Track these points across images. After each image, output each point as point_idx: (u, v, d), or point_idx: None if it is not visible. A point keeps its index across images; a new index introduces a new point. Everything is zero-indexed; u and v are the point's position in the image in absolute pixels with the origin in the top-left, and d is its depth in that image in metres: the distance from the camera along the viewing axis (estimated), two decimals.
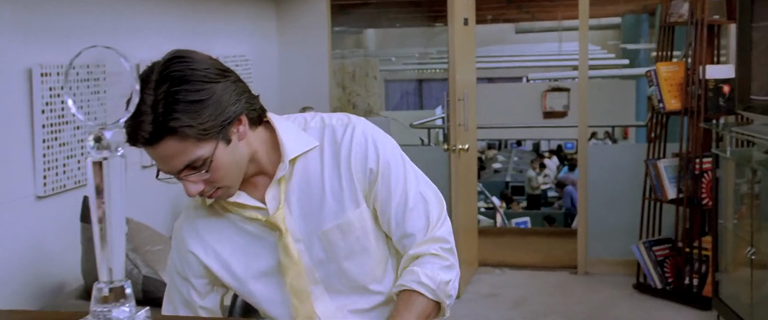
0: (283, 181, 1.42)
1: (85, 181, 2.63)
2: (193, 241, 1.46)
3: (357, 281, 1.48)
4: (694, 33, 3.89)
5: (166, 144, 1.25)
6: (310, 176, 1.43)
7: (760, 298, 3.03)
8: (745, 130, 3.23)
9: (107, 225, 0.88)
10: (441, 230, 1.47)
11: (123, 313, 0.89)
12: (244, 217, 1.43)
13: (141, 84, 1.19)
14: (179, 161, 1.28)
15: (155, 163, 1.31)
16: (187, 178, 1.30)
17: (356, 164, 1.42)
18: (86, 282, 2.47)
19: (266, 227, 1.43)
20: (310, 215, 1.43)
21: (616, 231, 4.45)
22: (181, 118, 1.24)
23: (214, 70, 1.30)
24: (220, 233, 1.45)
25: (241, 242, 1.45)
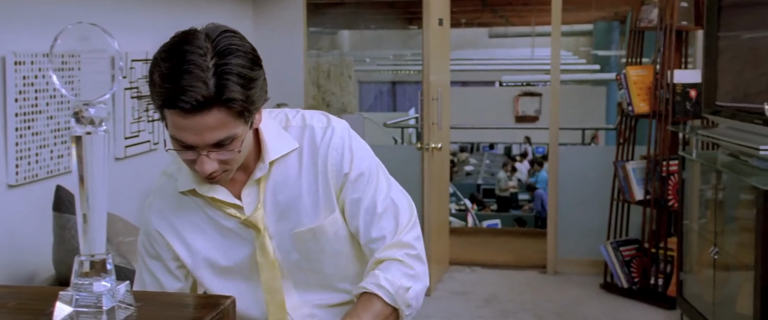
0: (262, 181, 1.41)
1: (58, 170, 2.62)
2: (165, 230, 1.45)
3: (326, 279, 1.50)
4: (663, 38, 3.98)
5: (213, 114, 1.22)
6: (288, 176, 1.42)
7: (722, 297, 3.11)
8: (711, 133, 3.31)
9: (89, 199, 0.89)
10: (408, 235, 1.46)
11: (103, 287, 0.90)
12: (223, 212, 1.42)
13: (186, 50, 1.20)
14: (216, 134, 1.24)
15: (176, 134, 1.25)
16: (208, 154, 1.27)
17: (332, 169, 1.43)
18: (58, 272, 2.46)
19: (243, 225, 1.42)
20: (285, 216, 1.43)
21: (585, 232, 4.53)
22: (235, 91, 1.22)
23: (256, 53, 1.30)
24: (196, 227, 1.44)
25: (216, 236, 1.44)
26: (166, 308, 0.96)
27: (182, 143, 1.27)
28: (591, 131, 11.20)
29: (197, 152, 1.27)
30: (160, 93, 1.22)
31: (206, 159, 1.27)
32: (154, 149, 3.29)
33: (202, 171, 1.29)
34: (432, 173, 4.28)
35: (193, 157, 1.28)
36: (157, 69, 1.23)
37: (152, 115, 3.25)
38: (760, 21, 3.11)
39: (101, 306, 0.88)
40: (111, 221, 2.74)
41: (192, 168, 1.32)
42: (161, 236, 1.45)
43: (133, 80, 3.09)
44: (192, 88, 1.19)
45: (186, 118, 1.22)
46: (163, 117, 1.27)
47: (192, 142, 1.26)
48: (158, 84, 1.22)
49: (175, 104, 1.20)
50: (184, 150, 1.28)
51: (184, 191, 1.43)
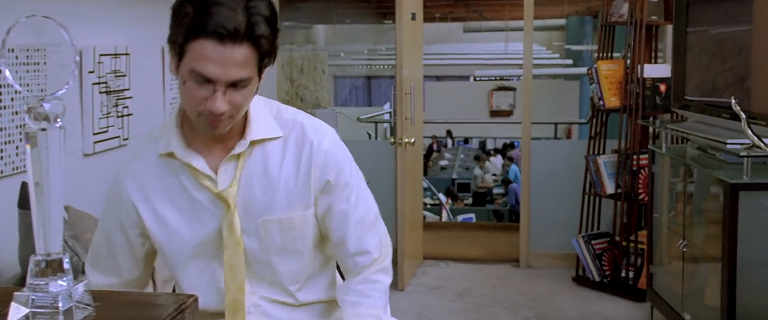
0: (241, 157, 1.41)
1: (24, 167, 2.58)
2: (135, 194, 1.44)
3: (277, 276, 1.49)
4: (633, 33, 4.01)
5: (242, 49, 1.25)
6: (267, 163, 1.43)
7: (690, 289, 3.15)
8: (680, 127, 3.35)
9: (45, 197, 0.87)
10: (388, 257, 1.57)
11: (60, 287, 0.88)
12: (198, 183, 1.41)
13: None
14: (238, 72, 1.27)
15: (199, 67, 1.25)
16: (224, 93, 1.28)
17: (316, 171, 1.44)
18: (23, 271, 2.42)
19: (215, 199, 1.41)
20: (256, 201, 1.43)
21: (557, 225, 4.56)
22: (265, 30, 1.27)
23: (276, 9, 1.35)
24: (167, 194, 1.43)
25: (186, 207, 1.43)
26: (126, 307, 0.95)
27: (203, 77, 1.26)
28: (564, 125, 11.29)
29: (214, 89, 1.27)
30: (194, 20, 1.23)
31: (220, 97, 1.27)
32: (124, 144, 3.25)
33: (214, 109, 1.28)
34: (405, 167, 4.28)
35: (208, 94, 1.28)
36: (187, 2, 1.26)
37: (121, 110, 3.21)
38: (727, 16, 3.15)
39: (58, 306, 0.86)
40: (79, 218, 2.70)
41: (198, 110, 1.30)
42: (133, 205, 1.44)
43: (102, 75, 3.04)
44: (227, 18, 1.22)
45: (217, 47, 1.23)
46: (180, 55, 1.28)
47: (214, 76, 1.26)
48: (191, 13, 1.24)
49: (211, 30, 1.22)
50: (201, 86, 1.27)
51: (163, 154, 1.42)
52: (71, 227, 2.54)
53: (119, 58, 3.16)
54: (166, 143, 1.42)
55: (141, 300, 1.01)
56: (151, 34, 3.55)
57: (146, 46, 3.46)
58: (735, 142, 2.74)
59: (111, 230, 1.49)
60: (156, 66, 3.58)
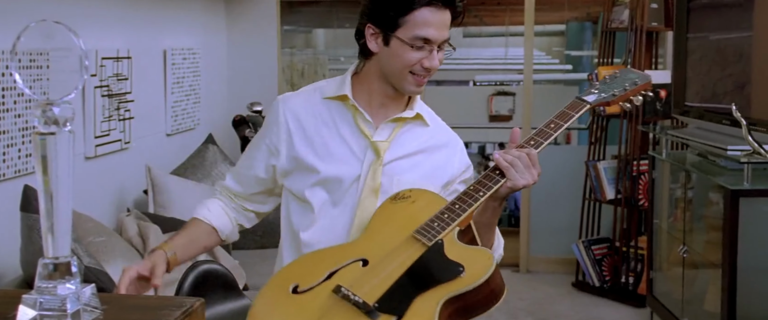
0: (399, 124, 1.66)
1: (26, 170, 2.58)
2: (291, 119, 1.66)
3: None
4: (633, 39, 4.02)
5: (448, 13, 1.59)
6: (414, 138, 1.68)
7: (690, 295, 3.15)
8: (680, 133, 3.36)
9: (54, 201, 0.88)
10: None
11: (68, 290, 0.89)
12: (357, 127, 1.64)
13: None
14: (446, 32, 1.59)
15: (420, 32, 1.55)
16: (437, 50, 1.58)
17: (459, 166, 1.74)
18: (26, 274, 2.42)
19: (366, 148, 1.64)
20: (397, 164, 1.65)
21: (557, 230, 4.57)
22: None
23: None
24: (320, 127, 1.66)
25: (334, 144, 1.64)
26: (133, 311, 0.95)
27: (423, 39, 1.56)
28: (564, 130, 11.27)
29: (430, 49, 1.57)
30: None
31: (436, 54, 1.58)
32: (126, 148, 3.25)
33: (433, 65, 1.59)
34: None
35: (423, 55, 1.57)
36: None
37: (123, 114, 3.21)
38: (728, 23, 3.16)
39: (66, 309, 0.87)
40: (81, 221, 2.70)
41: (411, 69, 1.58)
42: (288, 125, 1.66)
43: (104, 78, 3.05)
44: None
45: (436, 13, 1.55)
46: (394, 26, 1.56)
47: (433, 37, 1.56)
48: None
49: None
50: (418, 50, 1.57)
51: (330, 97, 1.66)
52: (73, 230, 2.54)
53: (121, 61, 3.17)
54: (336, 88, 1.67)
55: (148, 303, 1.02)
56: (153, 38, 3.56)
57: (148, 50, 3.47)
58: (735, 148, 2.75)
59: (259, 145, 1.71)
60: (158, 69, 3.59)
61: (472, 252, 1.52)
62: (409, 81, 1.61)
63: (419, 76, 1.60)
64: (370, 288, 1.44)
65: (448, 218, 1.53)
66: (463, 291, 1.45)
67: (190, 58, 3.85)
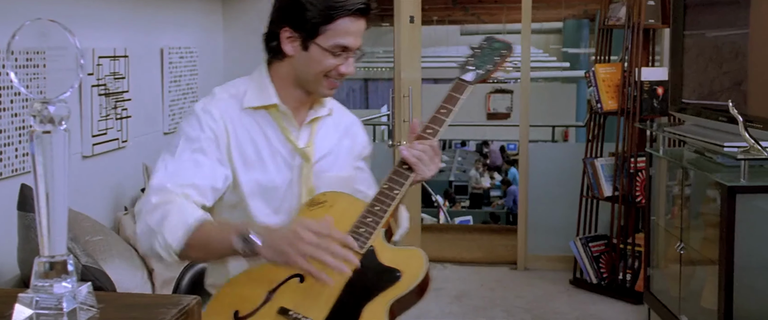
0: (314, 124, 1.72)
1: (23, 169, 2.58)
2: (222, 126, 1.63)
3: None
4: (630, 36, 4.03)
5: (363, 22, 1.63)
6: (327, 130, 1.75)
7: (687, 292, 3.16)
8: (677, 130, 3.36)
9: (50, 200, 0.88)
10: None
11: (64, 288, 0.89)
12: (284, 136, 1.67)
13: None
14: (360, 40, 1.64)
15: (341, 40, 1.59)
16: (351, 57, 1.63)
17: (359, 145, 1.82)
18: (23, 273, 2.42)
19: (294, 153, 1.68)
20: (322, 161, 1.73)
21: (555, 228, 4.57)
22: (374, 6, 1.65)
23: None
24: (250, 138, 1.65)
25: (266, 154, 1.66)
26: (129, 309, 0.95)
27: (342, 48, 1.61)
28: (561, 128, 11.31)
29: (347, 56, 1.62)
30: (340, 4, 1.57)
31: (351, 60, 1.63)
32: (123, 147, 3.25)
33: (350, 72, 1.64)
34: None
35: (340, 62, 1.62)
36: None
37: (120, 112, 3.21)
38: (724, 20, 3.17)
39: (62, 308, 0.87)
40: (78, 220, 2.70)
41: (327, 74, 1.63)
42: (226, 130, 1.62)
43: (101, 77, 3.04)
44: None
45: (355, 22, 1.60)
46: (315, 33, 1.59)
47: (351, 45, 1.61)
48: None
49: (356, 8, 1.58)
50: (336, 56, 1.61)
51: (254, 107, 1.66)
52: (70, 229, 2.54)
53: (118, 60, 3.16)
54: (259, 97, 1.66)
55: (145, 301, 1.02)
56: (150, 37, 3.55)
57: (145, 49, 3.47)
58: (732, 145, 2.75)
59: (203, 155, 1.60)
60: (155, 68, 3.59)
61: (403, 254, 1.61)
62: (324, 85, 1.65)
63: (334, 81, 1.65)
64: (316, 307, 1.47)
65: (372, 221, 1.58)
66: (404, 294, 1.54)
67: (187, 57, 3.85)
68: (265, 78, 1.69)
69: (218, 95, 1.67)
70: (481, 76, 1.76)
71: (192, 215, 1.49)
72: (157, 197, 1.52)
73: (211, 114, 1.62)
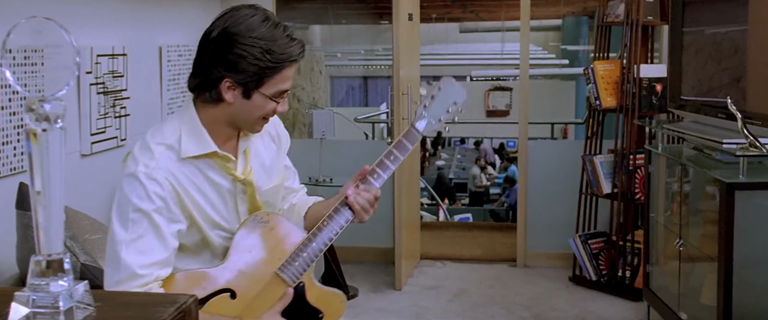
0: (247, 152, 1.76)
1: (21, 168, 2.58)
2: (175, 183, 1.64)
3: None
4: (629, 33, 4.02)
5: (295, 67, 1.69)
6: (258, 150, 1.80)
7: (687, 289, 3.16)
8: (676, 127, 3.36)
9: (46, 198, 0.88)
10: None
11: (61, 287, 0.88)
12: (224, 172, 1.70)
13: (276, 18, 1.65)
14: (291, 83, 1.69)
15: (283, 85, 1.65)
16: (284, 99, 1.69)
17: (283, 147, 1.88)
18: (22, 271, 2.42)
19: (235, 182, 1.73)
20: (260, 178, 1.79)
21: (554, 225, 4.57)
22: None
23: None
24: (196, 186, 1.67)
25: (213, 194, 1.70)
26: (126, 308, 0.95)
27: (282, 92, 1.66)
28: (560, 125, 11.31)
29: (282, 98, 1.67)
30: (289, 49, 1.63)
31: (286, 100, 1.70)
32: (121, 145, 3.25)
33: (284, 110, 1.69)
34: (402, 168, 4.28)
35: (275, 105, 1.67)
36: (277, 34, 1.62)
37: (119, 111, 3.21)
38: (723, 16, 3.16)
39: (58, 306, 0.87)
40: (77, 218, 2.70)
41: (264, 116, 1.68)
42: (174, 190, 1.63)
43: (99, 75, 3.04)
44: (298, 47, 1.65)
45: (293, 67, 1.66)
46: (260, 83, 1.63)
47: (289, 87, 1.68)
48: (285, 43, 1.63)
49: (296, 58, 1.65)
50: (275, 100, 1.66)
51: (195, 156, 1.67)
52: (69, 227, 2.54)
53: (117, 58, 3.16)
54: (196, 146, 1.67)
55: (141, 300, 1.02)
56: (149, 35, 3.55)
57: (144, 47, 3.46)
58: (731, 142, 2.75)
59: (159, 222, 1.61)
60: (153, 67, 3.58)
61: (327, 296, 1.77)
62: (261, 124, 1.72)
63: (265, 122, 1.72)
64: None
65: (306, 258, 1.72)
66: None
67: (185, 55, 3.85)
68: (197, 123, 1.68)
69: (155, 151, 1.64)
70: (433, 127, 1.82)
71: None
72: (138, 286, 1.59)
73: (156, 181, 1.61)
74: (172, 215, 1.63)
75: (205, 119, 1.68)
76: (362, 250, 4.62)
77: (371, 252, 4.70)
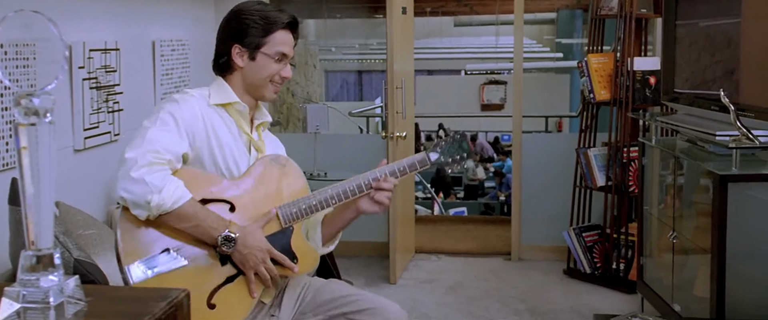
0: (261, 126, 2.12)
1: (14, 163, 2.56)
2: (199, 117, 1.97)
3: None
4: (623, 26, 4.02)
5: (293, 37, 2.07)
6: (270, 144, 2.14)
7: (680, 281, 3.17)
8: (670, 120, 3.36)
9: (36, 192, 0.87)
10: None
11: (51, 282, 0.88)
12: (240, 129, 2.04)
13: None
14: (292, 51, 2.06)
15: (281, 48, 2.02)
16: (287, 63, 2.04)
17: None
18: (14, 267, 2.41)
19: (249, 144, 2.06)
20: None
21: (548, 218, 4.58)
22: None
23: None
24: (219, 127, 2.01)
25: (231, 141, 2.02)
26: (118, 302, 0.95)
27: (282, 55, 2.02)
28: (555, 118, 11.32)
29: (285, 62, 2.03)
30: (278, 17, 2.02)
31: (289, 67, 2.05)
32: (115, 140, 3.24)
33: (289, 74, 2.05)
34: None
35: (282, 67, 2.03)
36: (269, 7, 2.06)
37: (112, 106, 3.20)
38: (716, 9, 3.16)
39: (49, 301, 0.86)
40: (70, 214, 2.69)
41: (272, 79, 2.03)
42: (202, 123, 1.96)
43: (92, 70, 3.03)
44: (290, 16, 2.05)
45: (287, 35, 2.03)
46: (258, 45, 2.01)
47: (288, 52, 2.03)
48: (276, 12, 2.04)
49: (288, 21, 2.03)
50: (277, 62, 2.02)
51: (219, 104, 2.02)
52: (62, 222, 2.53)
53: (109, 53, 3.15)
54: (223, 97, 2.03)
55: (134, 294, 1.01)
56: (142, 29, 3.53)
57: (136, 41, 3.45)
58: (724, 134, 2.76)
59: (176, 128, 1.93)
60: (146, 61, 3.57)
61: (307, 248, 2.02)
62: (270, 89, 2.06)
63: (277, 85, 2.07)
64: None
65: (306, 209, 2.00)
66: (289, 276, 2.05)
67: (179, 50, 3.83)
68: (223, 84, 2.07)
69: (191, 92, 2.02)
70: (441, 164, 2.11)
71: (188, 193, 1.87)
72: (152, 156, 1.84)
73: (188, 102, 1.97)
74: (186, 137, 1.93)
75: (229, 85, 2.06)
76: (357, 244, 4.62)
77: (366, 246, 4.70)
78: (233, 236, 1.88)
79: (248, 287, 1.93)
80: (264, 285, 1.95)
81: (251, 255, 1.90)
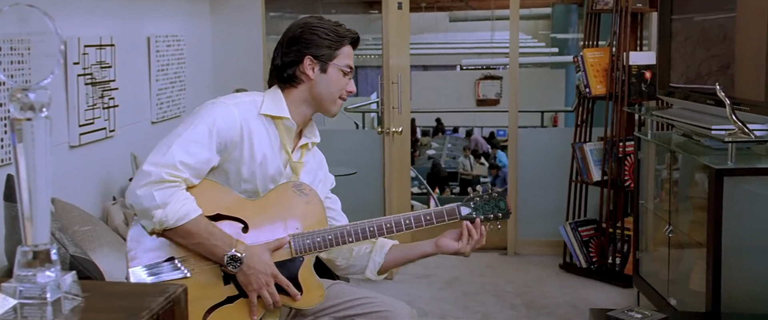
0: (304, 149, 2.07)
1: (9, 159, 2.56)
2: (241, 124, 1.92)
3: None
4: (618, 21, 4.02)
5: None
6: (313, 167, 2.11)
7: (676, 275, 3.18)
8: (665, 114, 3.37)
9: (32, 188, 0.87)
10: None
11: (47, 277, 0.88)
12: (282, 145, 2.00)
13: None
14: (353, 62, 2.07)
15: (349, 63, 2.04)
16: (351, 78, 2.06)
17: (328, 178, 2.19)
18: (10, 263, 2.40)
19: (287, 163, 2.02)
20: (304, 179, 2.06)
21: (544, 213, 4.59)
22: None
23: None
24: (262, 137, 1.96)
25: (270, 153, 1.97)
26: (116, 298, 0.95)
27: (349, 67, 2.04)
28: (550, 113, 11.32)
29: (350, 77, 2.05)
30: (346, 32, 2.04)
31: (353, 82, 2.07)
32: (110, 136, 3.23)
33: (352, 90, 2.06)
34: (393, 157, 4.28)
35: (349, 81, 2.04)
36: (332, 25, 2.04)
37: (107, 102, 3.19)
38: (711, 4, 3.17)
39: (46, 297, 0.86)
40: (66, 210, 2.68)
41: (339, 94, 2.03)
42: (241, 132, 1.92)
43: (87, 66, 3.02)
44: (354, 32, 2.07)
45: (352, 50, 2.05)
46: (329, 58, 2.01)
47: (352, 66, 2.06)
48: (342, 29, 2.05)
49: (354, 37, 2.05)
50: (344, 76, 2.03)
51: (268, 114, 1.97)
52: (58, 219, 2.52)
53: (104, 49, 3.13)
54: (274, 108, 1.99)
55: (131, 289, 1.01)
56: (137, 25, 3.52)
57: (132, 37, 3.44)
58: (719, 128, 2.76)
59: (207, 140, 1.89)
60: (142, 57, 3.56)
61: (313, 282, 1.98)
62: (337, 104, 2.06)
63: (342, 101, 2.07)
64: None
65: (320, 242, 1.97)
66: (292, 308, 2.00)
67: (174, 45, 3.82)
68: (279, 97, 2.03)
69: (241, 98, 1.99)
70: (471, 218, 2.09)
71: (195, 210, 1.86)
72: (166, 173, 1.83)
73: (229, 110, 1.92)
74: (218, 148, 1.90)
75: (290, 99, 2.02)
76: None
77: None
78: (239, 255, 1.86)
79: (249, 309, 1.91)
80: (265, 309, 1.92)
81: (255, 276, 1.88)
